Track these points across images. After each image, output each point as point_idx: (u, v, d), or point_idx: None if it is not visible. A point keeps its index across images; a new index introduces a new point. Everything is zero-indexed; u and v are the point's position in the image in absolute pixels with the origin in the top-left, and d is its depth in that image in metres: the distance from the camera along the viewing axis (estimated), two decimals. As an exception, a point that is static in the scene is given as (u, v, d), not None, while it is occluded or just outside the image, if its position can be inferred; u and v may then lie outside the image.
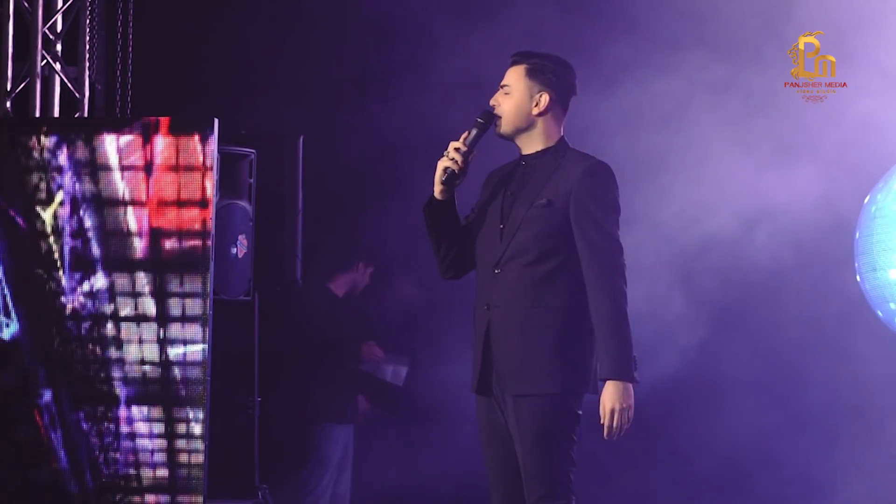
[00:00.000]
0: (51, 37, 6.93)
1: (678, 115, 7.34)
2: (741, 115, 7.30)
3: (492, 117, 4.79)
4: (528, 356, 4.66)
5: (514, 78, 4.81)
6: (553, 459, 4.63)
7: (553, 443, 4.64)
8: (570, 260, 4.69)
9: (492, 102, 4.82)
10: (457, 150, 4.73)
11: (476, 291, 4.82)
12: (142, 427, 6.26)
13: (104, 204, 6.27)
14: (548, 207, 4.71)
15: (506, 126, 4.81)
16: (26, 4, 6.86)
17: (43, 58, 6.88)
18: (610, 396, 4.60)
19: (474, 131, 4.76)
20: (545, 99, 4.82)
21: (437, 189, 4.76)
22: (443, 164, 4.74)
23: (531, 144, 4.84)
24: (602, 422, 4.60)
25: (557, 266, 4.69)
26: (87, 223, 6.27)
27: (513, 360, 4.67)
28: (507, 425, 4.72)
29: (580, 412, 4.70)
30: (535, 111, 4.81)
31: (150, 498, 6.24)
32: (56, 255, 6.29)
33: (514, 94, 4.80)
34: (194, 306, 6.23)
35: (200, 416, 6.21)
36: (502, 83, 4.82)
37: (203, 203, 6.23)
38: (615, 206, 4.74)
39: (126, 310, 6.26)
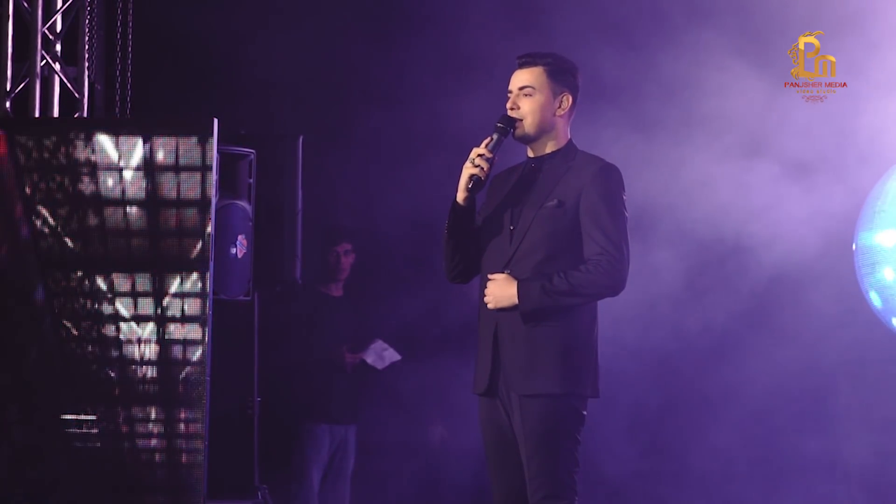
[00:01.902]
0: (50, 37, 6.92)
1: (675, 115, 7.34)
2: (739, 115, 7.30)
3: (512, 122, 4.78)
4: (538, 356, 4.67)
5: (536, 79, 4.79)
6: (557, 460, 4.64)
7: (558, 443, 4.64)
8: (578, 259, 4.71)
9: (509, 105, 4.81)
10: (481, 156, 4.73)
11: (481, 294, 4.81)
12: (142, 427, 6.26)
13: (104, 204, 6.27)
14: (559, 208, 4.72)
15: (530, 127, 4.79)
16: (26, 4, 6.86)
17: (42, 58, 6.87)
18: (507, 285, 4.68)
19: (496, 137, 4.76)
20: (568, 100, 4.83)
21: (462, 196, 4.76)
22: (469, 171, 4.73)
23: (544, 146, 4.84)
24: (488, 287, 4.70)
25: (566, 265, 4.70)
26: (87, 223, 6.27)
27: (522, 360, 4.68)
28: (511, 425, 4.72)
29: (584, 413, 4.71)
30: (560, 112, 4.82)
31: (149, 498, 6.24)
32: (56, 255, 6.29)
33: (539, 96, 4.79)
34: (194, 306, 6.23)
35: (200, 416, 6.21)
36: (520, 85, 4.80)
37: (203, 203, 6.23)
38: (623, 208, 4.76)
39: (126, 310, 6.26)
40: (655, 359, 7.41)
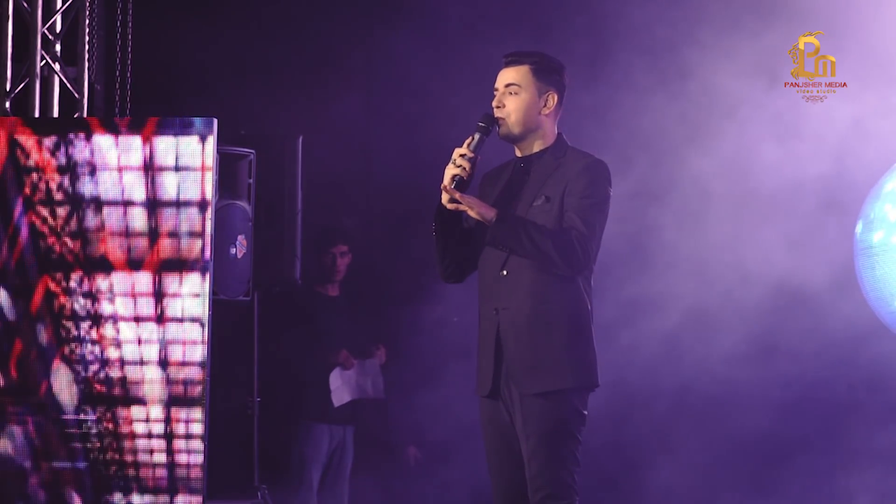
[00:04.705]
0: (50, 37, 6.92)
1: (675, 116, 7.34)
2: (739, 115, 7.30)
3: (493, 120, 4.78)
4: (540, 354, 4.67)
5: (521, 78, 4.78)
6: (558, 459, 4.64)
7: (559, 443, 4.65)
8: None
9: (495, 104, 4.80)
10: (463, 156, 4.72)
11: (480, 296, 4.82)
12: (142, 427, 6.26)
13: (104, 204, 6.27)
14: (547, 203, 4.72)
15: (515, 126, 4.78)
16: (26, 4, 6.86)
17: (42, 58, 6.87)
18: (485, 206, 4.67)
19: (477, 136, 4.74)
20: (553, 99, 4.82)
21: (446, 197, 4.74)
22: (451, 171, 4.71)
23: (532, 146, 4.84)
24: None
25: None
26: (87, 223, 6.27)
27: (526, 359, 4.68)
28: (513, 425, 4.72)
29: (585, 412, 4.71)
30: (545, 111, 4.81)
31: (149, 498, 6.24)
32: (56, 255, 6.29)
33: (524, 95, 4.78)
34: (194, 306, 6.23)
35: (200, 416, 6.21)
36: (506, 83, 4.80)
37: (202, 203, 6.23)
38: (605, 202, 4.76)
39: (126, 310, 6.26)
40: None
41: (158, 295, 6.25)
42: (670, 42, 7.28)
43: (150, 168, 6.25)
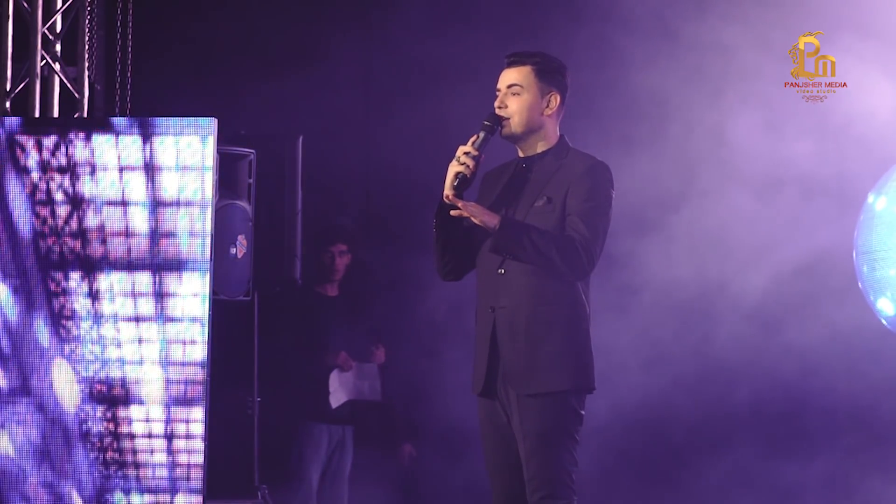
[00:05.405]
0: (50, 37, 6.93)
1: (673, 115, 7.34)
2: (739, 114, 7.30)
3: (498, 120, 4.78)
4: (537, 355, 4.67)
5: (523, 78, 4.79)
6: (556, 459, 4.64)
7: (556, 442, 4.65)
8: None
9: (497, 104, 4.81)
10: (467, 154, 4.72)
11: (478, 294, 4.82)
12: (142, 427, 6.26)
13: (104, 204, 6.27)
14: (548, 205, 4.72)
15: (517, 126, 4.79)
16: (26, 4, 6.87)
17: (42, 58, 6.88)
18: (487, 213, 4.67)
19: (482, 135, 4.75)
20: (556, 100, 4.83)
21: (449, 193, 4.75)
22: (455, 169, 4.72)
23: (534, 146, 4.84)
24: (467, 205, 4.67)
25: None
26: (87, 223, 6.28)
27: (521, 359, 4.68)
28: (510, 425, 4.73)
29: (583, 412, 4.72)
30: (547, 112, 4.82)
31: (149, 498, 6.24)
32: (56, 255, 6.29)
33: (526, 95, 4.79)
34: (194, 306, 6.23)
35: (200, 416, 6.21)
36: (508, 83, 4.80)
37: (202, 203, 6.23)
38: (607, 207, 4.76)
39: (126, 310, 6.27)
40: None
41: (158, 295, 6.26)
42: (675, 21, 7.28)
43: (150, 168, 6.26)
